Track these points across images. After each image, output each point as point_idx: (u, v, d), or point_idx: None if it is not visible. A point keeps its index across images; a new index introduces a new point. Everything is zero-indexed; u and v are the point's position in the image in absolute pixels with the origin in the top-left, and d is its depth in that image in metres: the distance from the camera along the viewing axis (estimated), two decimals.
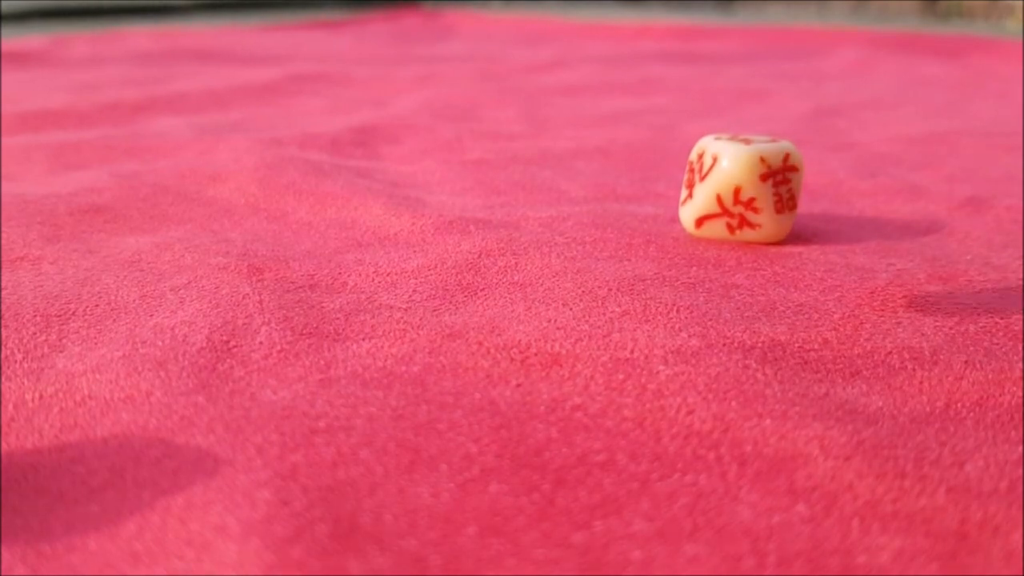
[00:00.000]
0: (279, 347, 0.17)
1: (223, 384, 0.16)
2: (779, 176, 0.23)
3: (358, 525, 0.12)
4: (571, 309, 0.19)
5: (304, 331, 0.18)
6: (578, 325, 0.18)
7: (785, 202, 0.23)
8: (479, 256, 0.22)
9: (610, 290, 0.20)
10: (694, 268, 0.21)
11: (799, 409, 0.15)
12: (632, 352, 0.17)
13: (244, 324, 0.18)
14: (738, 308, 0.19)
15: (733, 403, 0.15)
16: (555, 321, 0.18)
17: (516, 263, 0.22)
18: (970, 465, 0.14)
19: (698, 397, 0.15)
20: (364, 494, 0.13)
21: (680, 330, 0.18)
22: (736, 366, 0.16)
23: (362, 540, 0.12)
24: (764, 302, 0.19)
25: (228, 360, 0.17)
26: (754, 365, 0.16)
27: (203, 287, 0.20)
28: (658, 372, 0.16)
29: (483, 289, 0.20)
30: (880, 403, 0.15)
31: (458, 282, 0.21)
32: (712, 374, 0.16)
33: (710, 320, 0.18)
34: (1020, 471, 0.13)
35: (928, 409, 0.15)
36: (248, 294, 0.20)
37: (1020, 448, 0.14)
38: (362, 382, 0.16)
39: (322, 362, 0.17)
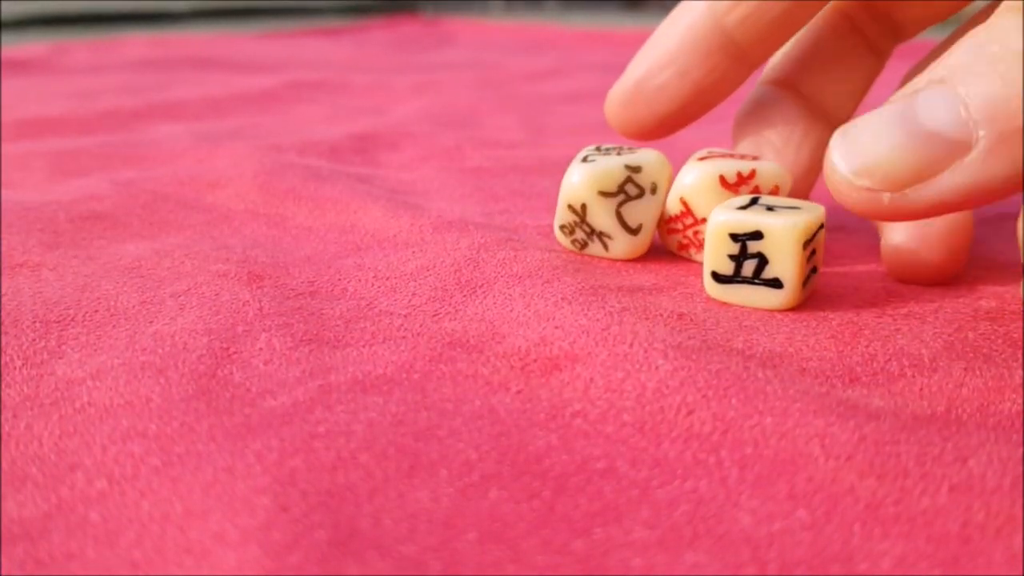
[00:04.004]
0: (279, 353, 0.17)
1: (223, 390, 0.16)
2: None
3: (357, 530, 0.12)
4: (570, 304, 0.19)
5: (304, 338, 0.18)
6: (577, 320, 0.18)
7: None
8: (478, 251, 0.22)
9: (608, 291, 0.20)
10: (691, 277, 0.21)
11: (800, 406, 0.15)
12: (631, 346, 0.17)
13: (244, 331, 0.18)
14: (736, 317, 0.19)
15: (734, 400, 0.15)
16: (554, 319, 0.18)
17: (515, 256, 0.22)
18: (973, 461, 0.13)
19: (698, 395, 0.15)
20: (364, 498, 0.13)
21: (680, 330, 0.18)
22: (736, 365, 0.16)
23: (361, 545, 0.12)
24: (762, 311, 0.19)
25: (228, 366, 0.17)
26: (754, 366, 0.16)
27: (203, 293, 0.20)
28: (658, 367, 0.16)
29: (482, 285, 0.20)
30: (881, 404, 0.15)
31: (456, 279, 0.21)
32: (713, 370, 0.16)
33: (709, 326, 0.18)
34: (1023, 469, 0.13)
35: (929, 412, 0.15)
36: (248, 301, 0.20)
37: (1023, 449, 0.14)
38: (362, 388, 0.16)
39: (322, 368, 0.17)
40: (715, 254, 0.19)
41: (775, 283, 0.19)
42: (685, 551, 0.12)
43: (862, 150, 0.17)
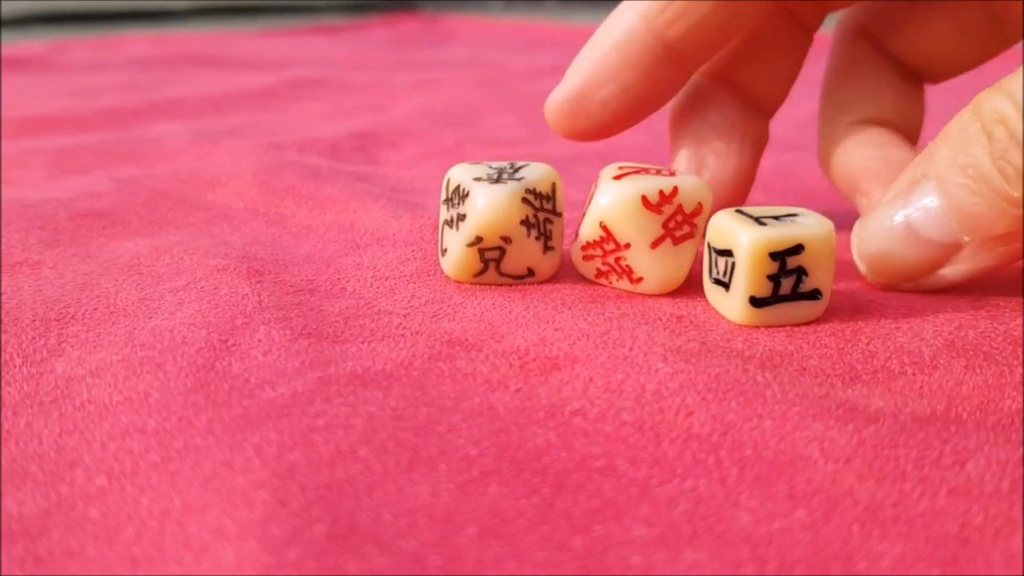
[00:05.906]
0: (278, 344, 0.17)
1: (221, 382, 0.16)
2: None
3: (357, 524, 0.12)
4: (570, 309, 0.19)
5: (303, 331, 0.18)
6: (577, 324, 0.18)
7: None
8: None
9: (607, 297, 0.20)
10: (689, 280, 0.21)
11: (799, 409, 0.15)
12: (631, 349, 0.17)
13: (243, 323, 0.18)
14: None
15: (733, 403, 0.15)
16: (553, 321, 0.18)
17: None
18: (972, 464, 0.13)
19: (697, 398, 0.15)
20: (363, 493, 0.13)
21: (679, 334, 0.18)
22: (736, 368, 0.16)
23: (361, 540, 0.12)
24: None
25: (227, 357, 0.17)
26: (753, 369, 0.16)
27: (202, 288, 0.20)
28: (657, 370, 0.16)
29: (480, 287, 0.20)
30: (881, 404, 0.15)
31: (456, 282, 0.21)
32: (712, 374, 0.16)
33: (709, 328, 0.18)
34: (1021, 471, 0.13)
35: (929, 411, 0.15)
36: (247, 294, 0.20)
37: (1021, 450, 0.14)
38: (361, 382, 0.16)
39: (321, 360, 0.17)
40: (754, 278, 0.18)
41: (814, 295, 0.18)
42: (684, 549, 0.12)
43: (870, 249, 0.20)
